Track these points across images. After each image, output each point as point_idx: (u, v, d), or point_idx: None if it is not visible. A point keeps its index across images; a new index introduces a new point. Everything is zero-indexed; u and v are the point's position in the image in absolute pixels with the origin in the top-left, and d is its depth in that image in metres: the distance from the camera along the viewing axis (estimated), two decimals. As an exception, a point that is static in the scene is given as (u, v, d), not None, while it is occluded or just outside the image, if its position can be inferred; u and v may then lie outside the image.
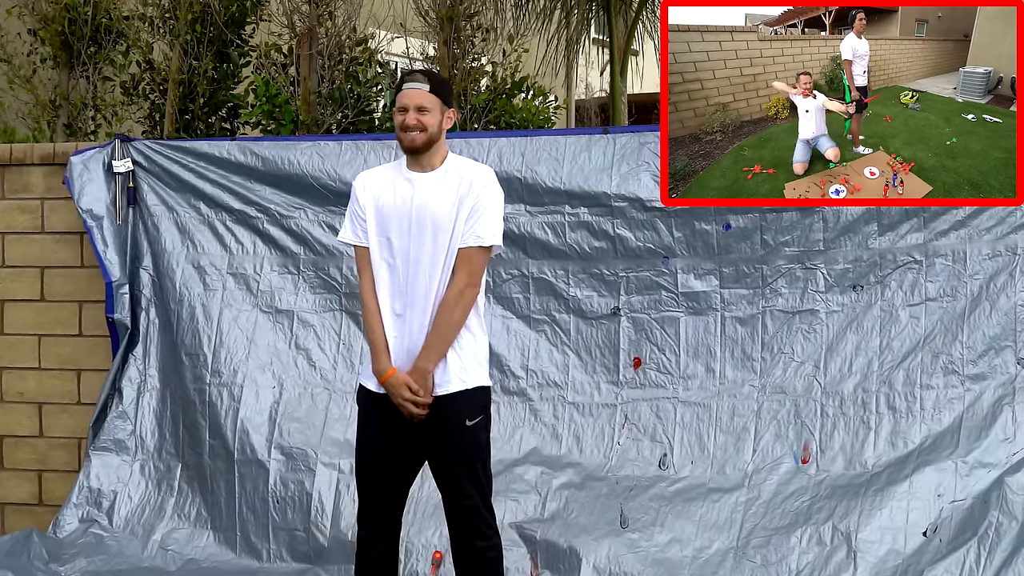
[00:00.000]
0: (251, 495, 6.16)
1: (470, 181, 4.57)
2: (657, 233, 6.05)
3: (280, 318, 6.46)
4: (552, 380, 6.15)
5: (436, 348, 4.53)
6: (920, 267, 5.79)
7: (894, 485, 5.42)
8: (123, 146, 6.67)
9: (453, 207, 4.55)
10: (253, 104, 7.66)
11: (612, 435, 5.98)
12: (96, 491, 6.36)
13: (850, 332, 5.83)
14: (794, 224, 5.91)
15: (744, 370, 5.93)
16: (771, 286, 5.97)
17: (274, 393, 6.31)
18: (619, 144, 6.10)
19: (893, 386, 5.67)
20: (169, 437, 6.45)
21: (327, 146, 6.45)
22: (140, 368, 6.57)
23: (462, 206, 4.55)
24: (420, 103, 4.55)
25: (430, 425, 4.57)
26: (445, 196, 4.56)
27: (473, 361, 4.61)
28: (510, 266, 6.24)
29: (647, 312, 6.09)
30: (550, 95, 8.31)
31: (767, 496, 5.62)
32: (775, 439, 5.77)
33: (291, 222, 6.52)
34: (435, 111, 4.58)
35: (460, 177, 4.59)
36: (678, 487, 5.76)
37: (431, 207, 4.56)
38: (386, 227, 4.62)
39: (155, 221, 6.66)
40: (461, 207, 4.55)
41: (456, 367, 4.56)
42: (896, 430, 5.61)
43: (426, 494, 5.61)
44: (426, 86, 4.57)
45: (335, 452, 6.10)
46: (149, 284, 6.65)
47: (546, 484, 5.88)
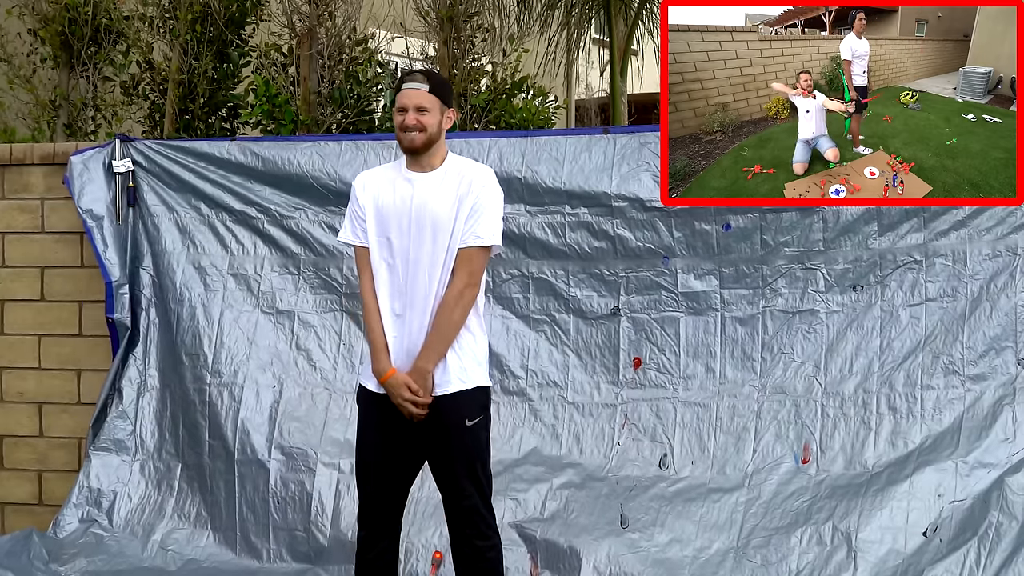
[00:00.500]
0: (251, 495, 6.15)
1: (470, 181, 4.57)
2: (657, 233, 6.04)
3: (280, 319, 6.45)
4: (552, 380, 6.13)
5: (436, 348, 4.52)
6: (920, 267, 5.77)
7: (894, 485, 5.41)
8: (123, 146, 6.66)
9: (453, 207, 4.54)
10: (253, 104, 7.66)
11: (612, 435, 5.97)
12: (96, 491, 6.35)
13: (850, 332, 5.82)
14: (794, 224, 5.90)
15: (744, 370, 5.92)
16: (771, 286, 5.96)
17: (274, 393, 6.30)
18: (619, 144, 6.09)
19: (894, 387, 5.66)
20: (169, 437, 6.44)
21: (327, 146, 6.45)
22: (140, 368, 6.56)
23: (462, 206, 4.54)
24: (419, 103, 4.55)
25: (430, 425, 4.57)
26: (445, 196, 4.56)
27: (473, 361, 4.60)
28: (510, 266, 6.23)
29: (647, 312, 6.08)
30: (550, 95, 8.28)
31: (767, 496, 5.61)
32: (775, 439, 5.75)
33: (291, 222, 6.51)
34: (434, 111, 4.58)
35: (460, 177, 4.59)
36: (678, 487, 5.75)
37: (431, 207, 4.55)
38: (386, 227, 4.61)
39: (155, 221, 6.65)
40: (461, 207, 4.54)
41: (456, 367, 4.56)
42: (896, 430, 5.59)
43: (426, 494, 5.60)
44: (425, 86, 4.58)
45: (335, 452, 6.09)
46: (149, 284, 6.64)
47: (546, 484, 5.86)
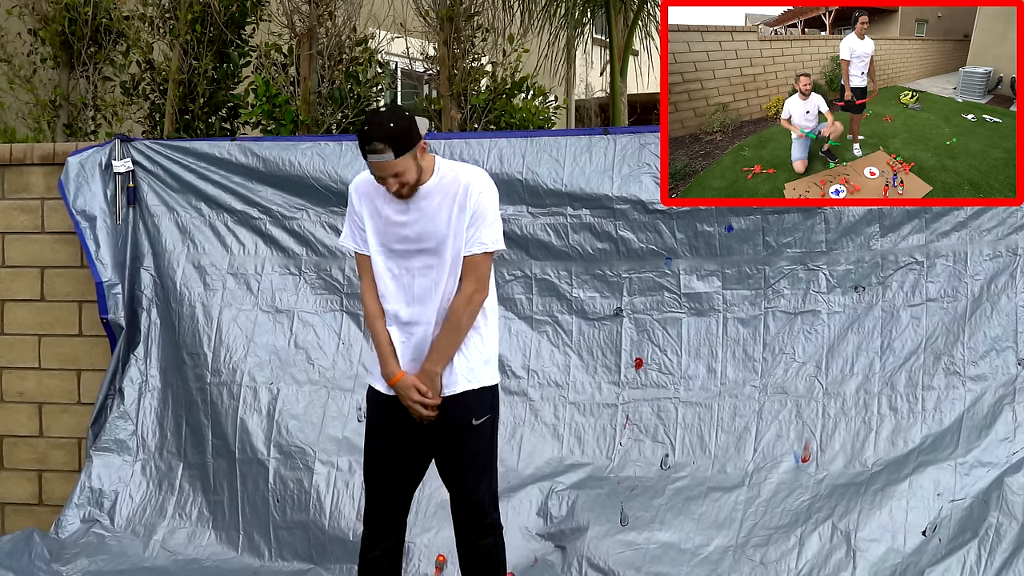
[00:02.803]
0: (252, 493, 6.17)
1: (466, 188, 4.54)
2: (659, 235, 6.04)
3: (280, 318, 6.44)
4: (553, 380, 6.13)
5: (444, 352, 4.55)
6: (921, 268, 5.77)
7: (894, 484, 5.41)
8: (123, 146, 6.66)
9: (453, 220, 4.54)
10: (253, 104, 7.65)
11: (614, 435, 5.97)
12: (98, 491, 6.35)
13: (852, 333, 5.82)
14: (796, 225, 5.90)
15: (746, 370, 5.92)
16: (773, 287, 5.96)
17: (272, 391, 6.30)
18: (620, 145, 6.09)
19: (895, 387, 5.66)
20: (171, 437, 6.44)
21: (328, 147, 6.45)
22: (142, 368, 6.56)
23: (462, 216, 4.53)
24: (392, 172, 4.44)
25: (437, 425, 4.60)
26: (443, 211, 4.54)
27: (479, 361, 4.62)
28: (513, 267, 6.22)
29: (649, 313, 6.08)
30: (550, 95, 8.28)
31: (767, 495, 5.61)
32: (776, 439, 5.76)
33: (294, 223, 6.52)
34: (409, 167, 4.46)
35: (455, 185, 4.55)
36: (678, 486, 5.75)
37: (430, 226, 4.55)
38: (387, 241, 4.62)
39: (155, 221, 6.65)
40: (461, 218, 4.53)
41: (463, 368, 4.59)
42: (897, 430, 5.59)
43: (427, 494, 5.58)
44: (389, 155, 4.38)
45: (333, 450, 6.09)
46: (150, 284, 6.63)
47: (547, 484, 5.86)
